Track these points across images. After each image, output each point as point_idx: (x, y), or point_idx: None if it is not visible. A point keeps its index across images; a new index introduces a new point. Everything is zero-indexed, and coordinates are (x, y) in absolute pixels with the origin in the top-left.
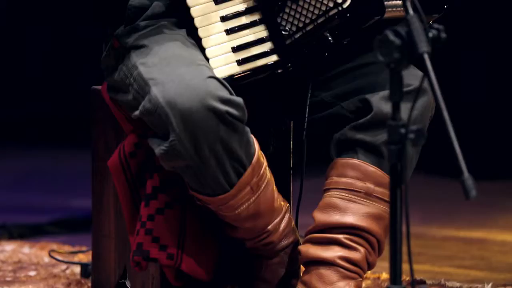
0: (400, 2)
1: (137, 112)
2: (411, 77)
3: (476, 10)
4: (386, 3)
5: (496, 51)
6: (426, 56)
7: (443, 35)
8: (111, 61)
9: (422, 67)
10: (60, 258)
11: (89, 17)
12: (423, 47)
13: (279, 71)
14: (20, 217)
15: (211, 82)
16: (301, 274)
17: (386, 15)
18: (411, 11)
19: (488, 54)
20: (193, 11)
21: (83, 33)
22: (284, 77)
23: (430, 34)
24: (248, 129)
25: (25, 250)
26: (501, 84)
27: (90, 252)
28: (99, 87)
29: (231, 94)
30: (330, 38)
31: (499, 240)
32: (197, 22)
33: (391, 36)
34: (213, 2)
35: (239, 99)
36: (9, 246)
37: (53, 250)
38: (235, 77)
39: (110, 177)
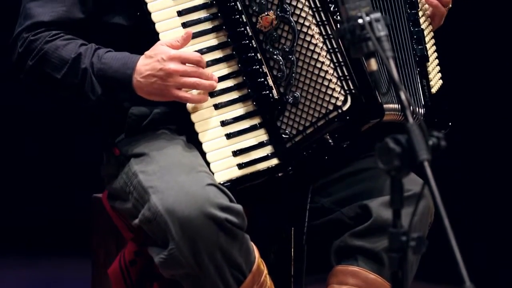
0: (398, 106)
1: (136, 221)
2: (410, 182)
3: None
4: (385, 106)
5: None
6: (426, 164)
7: (443, 143)
8: (111, 169)
9: (422, 174)
10: None
11: (89, 126)
12: (423, 155)
13: (279, 174)
14: None
15: (210, 190)
16: None
17: (385, 118)
18: (410, 119)
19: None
20: (194, 117)
21: (83, 142)
22: (284, 181)
23: (430, 142)
24: (247, 236)
25: None
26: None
27: None
28: (99, 195)
29: (231, 201)
30: (330, 141)
31: None
32: (198, 127)
33: (391, 144)
34: (213, 107)
35: (239, 206)
36: None
37: None
38: (235, 180)
39: (110, 285)
